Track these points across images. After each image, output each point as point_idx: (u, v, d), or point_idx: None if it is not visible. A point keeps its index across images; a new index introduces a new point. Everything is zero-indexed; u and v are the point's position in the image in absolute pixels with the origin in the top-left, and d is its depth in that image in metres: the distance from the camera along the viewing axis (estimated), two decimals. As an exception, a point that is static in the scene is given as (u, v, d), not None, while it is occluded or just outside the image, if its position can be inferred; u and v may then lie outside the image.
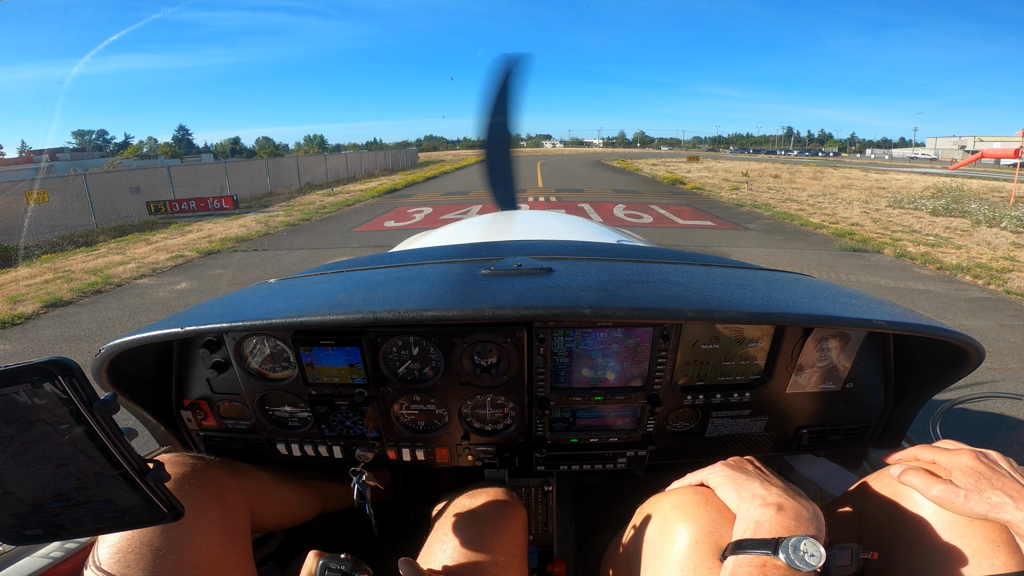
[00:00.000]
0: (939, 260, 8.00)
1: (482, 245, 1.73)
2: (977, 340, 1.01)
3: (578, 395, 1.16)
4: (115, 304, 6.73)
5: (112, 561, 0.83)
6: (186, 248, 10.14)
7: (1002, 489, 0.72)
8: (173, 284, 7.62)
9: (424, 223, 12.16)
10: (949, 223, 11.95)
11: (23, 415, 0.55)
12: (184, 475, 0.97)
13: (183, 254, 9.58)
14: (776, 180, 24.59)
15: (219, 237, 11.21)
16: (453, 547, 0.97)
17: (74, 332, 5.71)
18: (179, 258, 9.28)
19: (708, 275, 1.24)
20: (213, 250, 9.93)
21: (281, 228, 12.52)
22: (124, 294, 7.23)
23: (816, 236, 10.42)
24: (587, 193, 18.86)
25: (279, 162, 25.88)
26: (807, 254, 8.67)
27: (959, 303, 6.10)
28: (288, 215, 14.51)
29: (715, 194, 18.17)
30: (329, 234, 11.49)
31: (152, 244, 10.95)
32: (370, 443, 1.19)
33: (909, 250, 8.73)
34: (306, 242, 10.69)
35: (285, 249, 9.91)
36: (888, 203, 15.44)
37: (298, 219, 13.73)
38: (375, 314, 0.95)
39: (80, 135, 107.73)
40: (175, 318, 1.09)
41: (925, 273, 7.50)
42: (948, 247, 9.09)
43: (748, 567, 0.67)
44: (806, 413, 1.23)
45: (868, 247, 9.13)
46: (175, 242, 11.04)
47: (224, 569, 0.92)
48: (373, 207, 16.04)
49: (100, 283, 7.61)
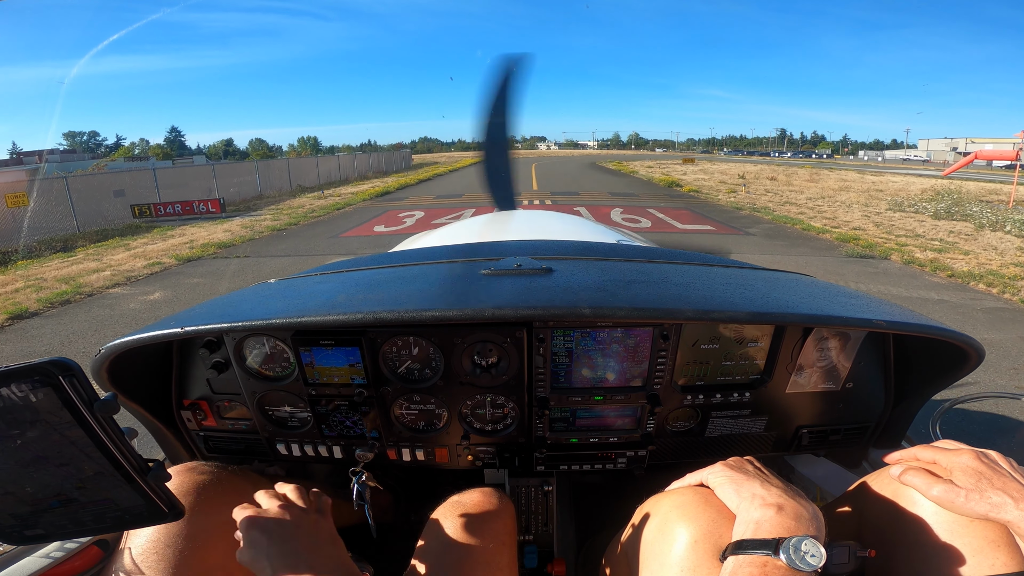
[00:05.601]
0: (949, 267, 7.77)
1: (482, 245, 1.70)
2: (977, 340, 1.01)
3: (578, 395, 1.15)
4: (82, 316, 6.40)
5: (136, 560, 0.84)
6: (165, 254, 9.76)
7: (1002, 489, 0.71)
8: (147, 294, 7.24)
9: (415, 228, 11.77)
10: (952, 227, 11.81)
11: (23, 415, 0.55)
12: (207, 481, 0.97)
13: (161, 261, 9.20)
14: (773, 183, 24.47)
15: (201, 243, 10.82)
16: (442, 545, 0.96)
17: (34, 348, 5.45)
18: (156, 265, 8.89)
19: (708, 275, 1.23)
20: (193, 257, 9.54)
21: (267, 233, 12.15)
22: (94, 305, 6.87)
23: (820, 241, 10.18)
24: (583, 196, 18.60)
25: (269, 164, 25.53)
26: (813, 260, 8.40)
27: (976, 314, 5.83)
28: (275, 219, 14.12)
29: (713, 197, 17.98)
30: (316, 240, 11.18)
31: (131, 250, 10.57)
32: (370, 443, 1.18)
33: (917, 256, 8.51)
34: (291, 248, 10.37)
35: (268, 256, 9.54)
36: (888, 206, 15.32)
37: (285, 223, 13.36)
38: (375, 314, 0.94)
39: (71, 137, 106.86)
40: (175, 318, 1.08)
41: (937, 281, 7.23)
42: (955, 252, 8.87)
43: (748, 567, 0.66)
44: (806, 413, 1.23)
45: (874, 253, 8.93)
46: (155, 248, 10.66)
47: (238, 573, 0.91)
48: (363, 211, 15.71)
49: (70, 292, 7.26)
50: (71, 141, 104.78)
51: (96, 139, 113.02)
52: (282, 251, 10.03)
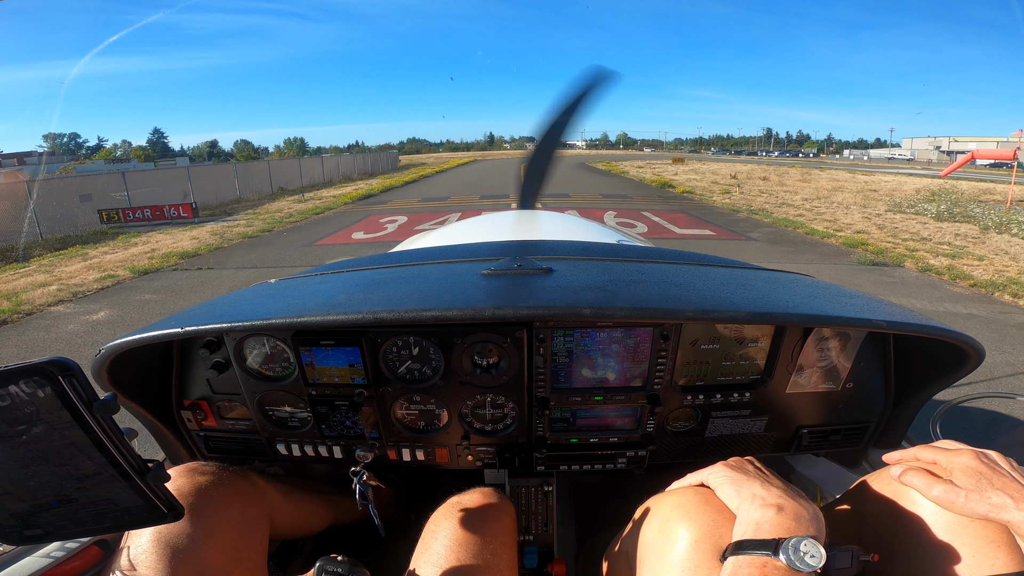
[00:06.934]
0: (968, 275, 7.27)
1: (482, 245, 1.71)
2: (976, 340, 1.00)
3: (578, 395, 1.15)
4: (13, 340, 5.77)
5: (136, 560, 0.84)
6: (122, 266, 9.00)
7: (1002, 489, 0.71)
8: (90, 313, 6.50)
9: (397, 234, 11.09)
10: (957, 229, 11.39)
11: (23, 415, 0.54)
12: (209, 483, 0.97)
13: (115, 274, 8.43)
14: (765, 183, 24.13)
15: (164, 252, 10.05)
16: (442, 545, 0.96)
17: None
18: (109, 279, 8.12)
19: (708, 275, 1.23)
20: (151, 268, 8.77)
21: (237, 240, 11.38)
22: (29, 326, 6.17)
23: (826, 247, 9.63)
24: (573, 199, 17.78)
25: (249, 167, 24.67)
26: (823, 269, 7.87)
27: (1010, 330, 5.28)
28: (249, 225, 13.34)
29: (707, 198, 17.44)
30: (288, 248, 10.40)
31: (88, 260, 9.80)
32: (370, 443, 1.18)
33: (931, 263, 8.01)
34: (260, 258, 9.61)
35: (233, 268, 8.72)
36: (887, 207, 15.01)
37: (259, 229, 12.56)
38: (375, 314, 0.94)
39: (51, 139, 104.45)
40: (175, 318, 1.08)
41: (959, 291, 6.69)
42: (969, 258, 8.41)
43: (748, 568, 0.66)
44: (806, 413, 1.22)
45: (887, 260, 8.39)
46: (113, 258, 9.89)
47: (237, 572, 0.93)
48: (343, 215, 14.94)
49: (8, 311, 6.58)
50: (51, 143, 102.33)
51: (77, 141, 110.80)
52: (249, 262, 9.21)
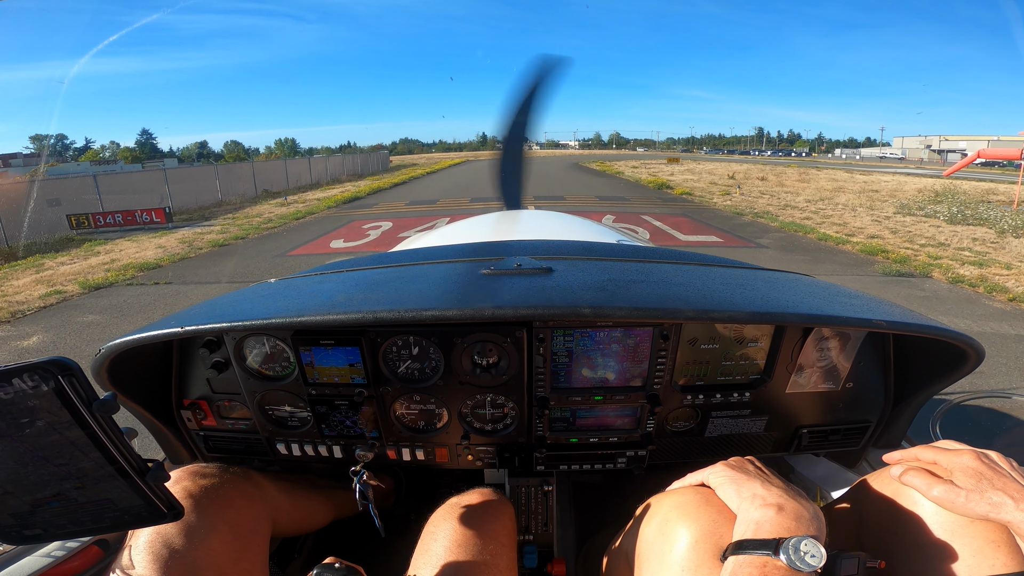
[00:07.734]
0: (1003, 287, 6.64)
1: (482, 245, 1.70)
2: (976, 340, 0.99)
3: (578, 395, 1.15)
4: None
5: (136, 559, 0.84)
6: (75, 279, 8.20)
7: (1003, 489, 0.71)
8: (21, 339, 5.71)
9: (378, 243, 10.27)
10: (972, 233, 10.85)
11: (23, 415, 0.54)
12: (211, 484, 0.97)
13: (63, 289, 7.65)
14: (764, 183, 23.58)
15: (123, 263, 9.27)
16: (442, 546, 0.96)
17: None
18: (55, 295, 7.33)
19: (708, 275, 1.22)
20: (104, 283, 7.96)
21: (207, 249, 10.58)
22: None
23: (843, 255, 8.94)
24: (568, 201, 16.99)
25: (232, 168, 23.70)
26: (847, 281, 7.10)
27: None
28: (224, 231, 12.53)
29: (707, 200, 16.78)
30: (258, 259, 9.51)
31: (41, 272, 9.01)
32: (370, 443, 1.18)
33: (960, 273, 7.38)
34: (226, 271, 8.77)
35: (193, 283, 7.92)
36: (895, 209, 14.44)
37: (232, 236, 11.76)
38: (375, 314, 0.94)
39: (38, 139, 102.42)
40: (175, 318, 1.07)
41: (999, 307, 6.07)
42: (996, 267, 7.82)
43: (749, 567, 0.66)
44: (806, 413, 1.22)
45: (912, 270, 7.73)
46: (69, 269, 9.09)
47: (238, 572, 0.92)
48: (324, 221, 14.05)
49: None
50: (38, 144, 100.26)
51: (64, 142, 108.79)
52: (212, 276, 8.39)
